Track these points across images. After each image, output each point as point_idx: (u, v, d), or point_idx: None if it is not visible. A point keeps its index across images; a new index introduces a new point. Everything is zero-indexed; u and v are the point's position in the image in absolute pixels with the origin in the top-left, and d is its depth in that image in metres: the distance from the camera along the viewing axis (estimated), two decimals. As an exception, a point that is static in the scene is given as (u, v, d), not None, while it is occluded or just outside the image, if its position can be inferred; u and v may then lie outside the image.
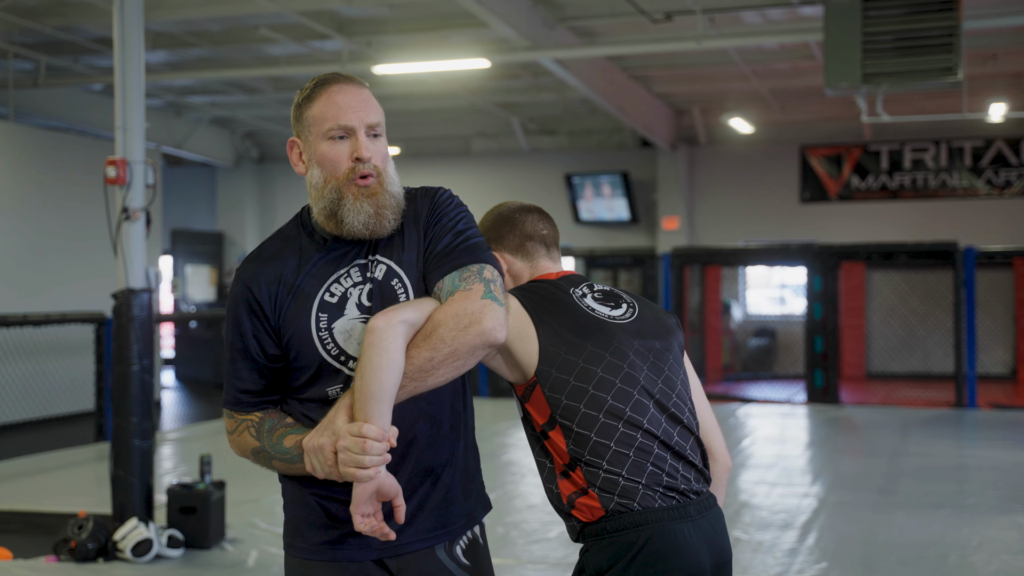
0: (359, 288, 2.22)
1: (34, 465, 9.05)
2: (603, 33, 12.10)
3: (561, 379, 2.27)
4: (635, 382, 2.30)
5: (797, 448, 9.98)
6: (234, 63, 13.15)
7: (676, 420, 2.33)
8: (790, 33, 11.14)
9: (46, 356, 12.18)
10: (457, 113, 16.82)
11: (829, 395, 12.80)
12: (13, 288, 12.17)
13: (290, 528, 2.33)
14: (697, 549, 2.24)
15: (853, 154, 16.47)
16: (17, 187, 12.47)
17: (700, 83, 14.77)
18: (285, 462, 2.19)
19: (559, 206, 17.60)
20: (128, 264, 6.07)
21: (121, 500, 6.04)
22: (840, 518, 6.82)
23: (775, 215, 16.83)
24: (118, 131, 6.10)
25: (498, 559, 5.82)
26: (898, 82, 9.39)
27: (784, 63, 13.31)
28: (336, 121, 2.19)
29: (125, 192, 6.08)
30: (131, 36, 6.14)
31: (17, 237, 12.38)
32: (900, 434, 10.39)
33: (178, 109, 16.35)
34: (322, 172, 2.21)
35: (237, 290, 2.27)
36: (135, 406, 6.03)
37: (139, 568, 5.77)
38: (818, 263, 13.06)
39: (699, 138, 16.97)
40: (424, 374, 2.10)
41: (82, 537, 5.86)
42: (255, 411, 2.27)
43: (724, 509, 7.00)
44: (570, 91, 14.49)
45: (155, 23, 11.40)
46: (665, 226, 16.86)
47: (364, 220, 2.19)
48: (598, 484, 2.24)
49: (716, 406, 12.74)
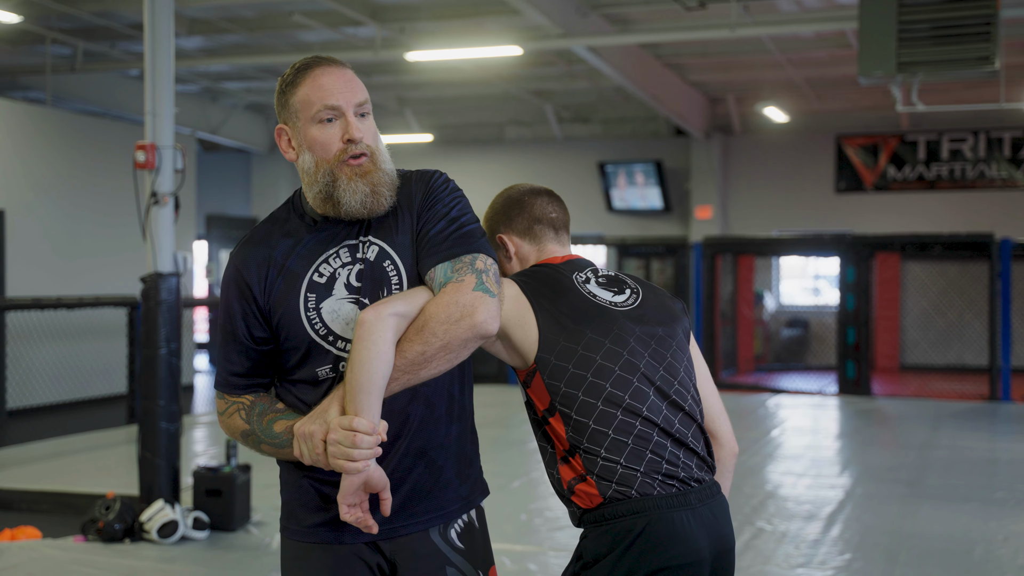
0: (348, 268, 2.22)
1: (66, 446, 9.16)
2: (637, 20, 12.05)
3: (560, 366, 2.26)
4: (635, 369, 2.29)
5: (826, 439, 9.92)
6: (268, 49, 13.21)
7: (677, 407, 2.31)
8: (826, 21, 11.03)
9: (81, 339, 12.33)
10: (491, 100, 16.81)
11: (861, 387, 12.71)
12: (50, 271, 12.31)
13: (285, 511, 2.35)
14: (696, 537, 2.23)
15: (890, 144, 16.31)
16: (54, 171, 12.60)
17: (735, 71, 14.67)
18: (274, 447, 2.20)
19: (592, 194, 17.57)
20: (156, 248, 6.12)
21: (148, 482, 6.10)
22: (866, 510, 6.78)
23: (810, 205, 16.70)
24: (148, 116, 6.14)
25: (521, 546, 5.84)
26: (934, 71, 9.27)
27: (820, 51, 13.19)
28: (323, 103, 2.19)
29: (154, 177, 6.13)
30: (161, 22, 6.18)
31: (54, 221, 12.52)
32: (931, 427, 10.30)
33: (213, 95, 16.46)
34: (313, 156, 2.21)
35: (229, 273, 2.29)
36: (162, 389, 6.09)
37: (164, 549, 5.84)
38: (851, 254, 12.95)
39: (734, 127, 16.87)
40: (417, 367, 2.11)
41: (109, 518, 5.93)
42: (246, 394, 2.29)
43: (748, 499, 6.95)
44: (604, 79, 14.44)
45: (190, 9, 11.48)
46: (698, 215, 16.78)
47: (361, 199, 2.19)
48: (596, 471, 2.23)
49: (746, 396, 12.70)
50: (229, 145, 18.07)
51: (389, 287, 2.21)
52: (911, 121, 15.91)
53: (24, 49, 13.11)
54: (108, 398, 12.51)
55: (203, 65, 13.61)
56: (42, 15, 11.63)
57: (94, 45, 12.74)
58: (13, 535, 6.10)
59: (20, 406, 11.75)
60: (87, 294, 11.19)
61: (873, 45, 9.30)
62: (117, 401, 12.07)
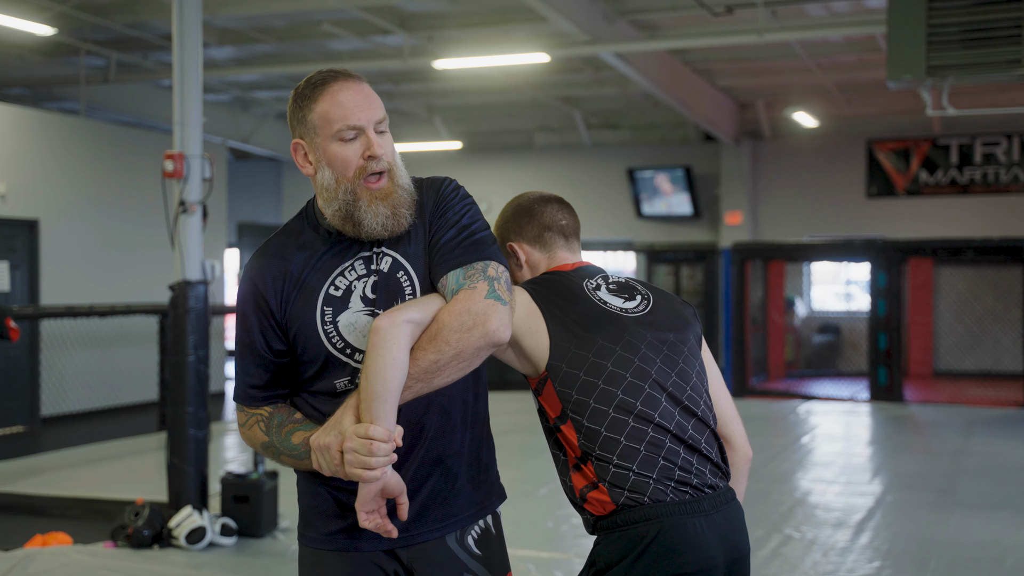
0: (363, 281, 2.23)
1: (99, 453, 9.25)
2: (664, 27, 12.03)
3: (571, 374, 2.26)
4: (646, 375, 2.28)
5: (857, 446, 9.85)
6: (298, 58, 13.30)
7: (690, 413, 2.31)
8: (854, 25, 10.97)
9: (113, 347, 12.45)
10: (519, 107, 16.83)
11: (893, 393, 12.61)
12: (83, 280, 12.44)
13: (303, 518, 2.36)
14: (710, 544, 2.22)
15: (922, 148, 16.18)
16: (88, 181, 12.74)
17: (764, 76, 14.61)
18: (294, 458, 2.21)
19: (621, 200, 17.55)
20: (185, 256, 6.18)
21: (176, 488, 6.16)
22: (896, 517, 6.73)
23: (841, 210, 16.60)
24: (176, 126, 6.21)
25: (547, 552, 5.84)
26: (964, 75, 9.20)
27: (850, 56, 13.12)
28: (345, 122, 2.18)
29: (182, 185, 6.19)
30: (189, 33, 6.24)
31: (87, 229, 12.65)
32: (964, 433, 10.21)
33: (244, 104, 16.58)
34: (333, 173, 2.21)
35: (244, 287, 2.28)
36: (191, 396, 6.14)
37: (192, 555, 5.88)
38: (882, 259, 12.87)
39: (763, 132, 16.80)
40: (430, 375, 2.11)
41: (138, 524, 5.99)
42: (264, 405, 2.29)
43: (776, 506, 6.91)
44: (632, 85, 14.43)
45: (221, 19, 11.58)
46: (728, 221, 16.71)
47: (382, 222, 2.20)
48: (608, 478, 2.23)
49: (777, 402, 12.63)
50: (260, 154, 18.19)
51: (403, 297, 2.22)
52: (943, 125, 15.79)
53: (59, 61, 13.27)
54: (140, 405, 12.62)
55: (234, 75, 13.72)
56: (76, 27, 11.77)
57: (127, 56, 12.87)
58: (44, 541, 6.16)
59: (54, 413, 11.88)
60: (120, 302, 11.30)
61: (902, 49, 9.24)
62: (149, 408, 12.17)
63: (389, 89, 15.26)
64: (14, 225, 11.78)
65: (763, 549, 5.97)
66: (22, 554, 5.85)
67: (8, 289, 11.63)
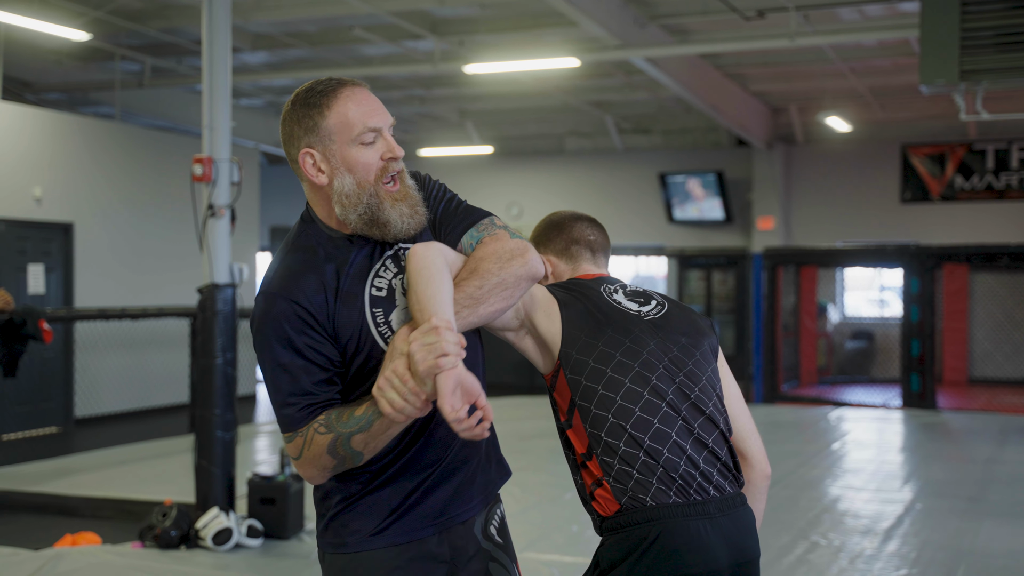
0: (400, 277, 2.25)
1: (130, 454, 9.34)
2: (695, 31, 12.01)
3: (581, 360, 2.32)
4: (654, 368, 2.33)
5: (887, 453, 9.77)
6: (330, 63, 13.37)
7: (698, 411, 2.33)
8: (887, 29, 10.90)
9: (146, 349, 12.56)
10: (550, 112, 16.84)
11: (926, 400, 12.50)
12: (118, 282, 12.57)
13: (339, 529, 2.29)
14: (713, 546, 2.23)
15: (957, 153, 16.04)
16: (122, 184, 12.87)
17: (797, 81, 14.54)
18: (364, 431, 2.12)
19: (653, 205, 17.51)
20: (213, 260, 6.23)
21: (204, 490, 6.20)
22: (924, 525, 6.67)
23: (875, 215, 16.48)
24: (205, 130, 6.26)
25: (571, 557, 5.84)
26: (998, 79, 9.10)
27: (884, 60, 13.03)
28: (365, 125, 2.20)
29: (211, 189, 6.24)
30: (219, 37, 6.29)
31: (122, 232, 12.78)
32: (998, 441, 10.10)
33: (278, 108, 16.68)
34: (354, 178, 2.20)
35: (279, 309, 2.17)
36: (218, 398, 6.19)
37: (219, 556, 5.92)
38: (915, 265, 12.76)
39: (796, 137, 16.71)
40: (475, 301, 2.14)
41: (166, 524, 6.04)
42: (319, 416, 2.19)
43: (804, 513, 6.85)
44: (664, 90, 14.40)
45: (254, 24, 11.67)
46: (760, 226, 16.64)
47: (407, 222, 2.23)
48: (613, 475, 2.26)
49: (808, 409, 12.55)
50: (293, 158, 18.28)
51: None
52: (979, 130, 15.64)
53: (94, 66, 13.42)
54: (172, 407, 12.73)
55: (267, 79, 13.82)
56: (111, 33, 11.91)
57: (161, 61, 13.00)
58: (74, 540, 6.23)
59: (87, 415, 12.00)
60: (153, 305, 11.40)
61: (935, 53, 9.16)
62: (181, 410, 12.27)
63: (421, 94, 15.32)
64: (49, 228, 11.92)
65: (789, 556, 5.93)
66: (52, 553, 5.91)
67: (44, 292, 11.77)
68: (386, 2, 10.55)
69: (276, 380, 2.18)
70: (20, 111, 11.75)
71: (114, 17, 11.07)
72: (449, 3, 10.58)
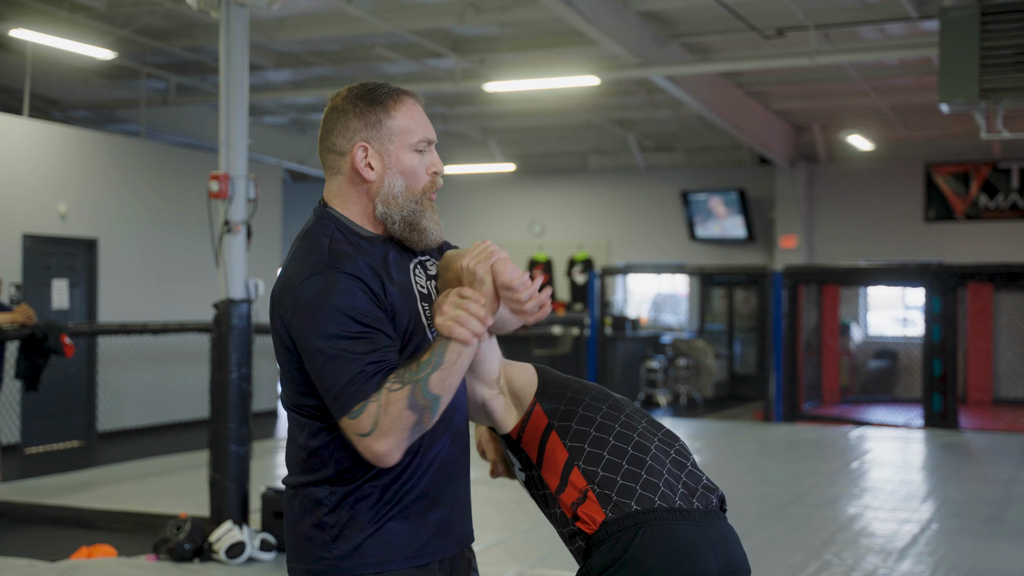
0: (432, 282, 2.33)
1: (149, 468, 9.42)
2: (715, 49, 12.03)
3: (559, 393, 2.41)
4: (623, 407, 2.45)
5: (906, 473, 9.71)
6: (353, 81, 13.38)
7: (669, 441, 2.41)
8: (909, 48, 10.89)
9: (167, 364, 12.66)
10: (573, 130, 16.89)
11: (948, 420, 12.40)
12: (141, 298, 12.68)
13: (360, 554, 2.19)
14: (703, 553, 2.21)
15: (981, 172, 15.96)
16: (145, 200, 13.00)
17: (819, 99, 14.53)
18: (438, 368, 2.08)
19: (675, 223, 17.51)
20: (229, 275, 6.29)
21: (218, 503, 6.25)
22: (940, 544, 6.63)
23: (898, 234, 16.41)
24: (222, 147, 6.33)
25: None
26: (1018, 97, 9.09)
27: (906, 78, 13.01)
28: (424, 135, 2.27)
29: (227, 206, 6.31)
30: (235, 56, 6.37)
31: (145, 248, 12.90)
32: (1018, 462, 10.01)
33: (301, 126, 16.83)
34: (405, 182, 2.25)
35: (344, 285, 2.12)
36: (232, 412, 6.24)
37: (232, 570, 5.97)
38: (937, 284, 12.68)
39: (819, 155, 16.68)
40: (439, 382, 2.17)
41: (180, 538, 6.09)
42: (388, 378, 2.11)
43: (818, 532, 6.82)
44: (686, 108, 14.42)
45: (277, 43, 11.79)
46: (783, 244, 16.60)
47: (438, 232, 2.31)
48: (597, 482, 2.26)
49: (828, 428, 12.49)
50: (316, 175, 18.43)
51: None
52: (1004, 148, 15.56)
53: (120, 84, 13.58)
54: (193, 422, 12.80)
55: (290, 97, 13.94)
56: (137, 51, 12.06)
57: (186, 79, 13.14)
58: (90, 552, 6.29)
59: (110, 429, 12.10)
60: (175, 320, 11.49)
61: (954, 72, 9.15)
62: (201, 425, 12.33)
63: (443, 111, 15.40)
64: (74, 244, 12.05)
65: (800, 574, 5.91)
66: (67, 565, 5.97)
67: (68, 307, 11.90)
68: (408, 21, 10.64)
69: (345, 354, 2.08)
70: (47, 128, 11.90)
71: (139, 36, 11.22)
72: (470, 22, 10.66)
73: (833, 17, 10.50)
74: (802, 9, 10.16)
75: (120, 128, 15.15)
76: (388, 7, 10.40)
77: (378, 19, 10.41)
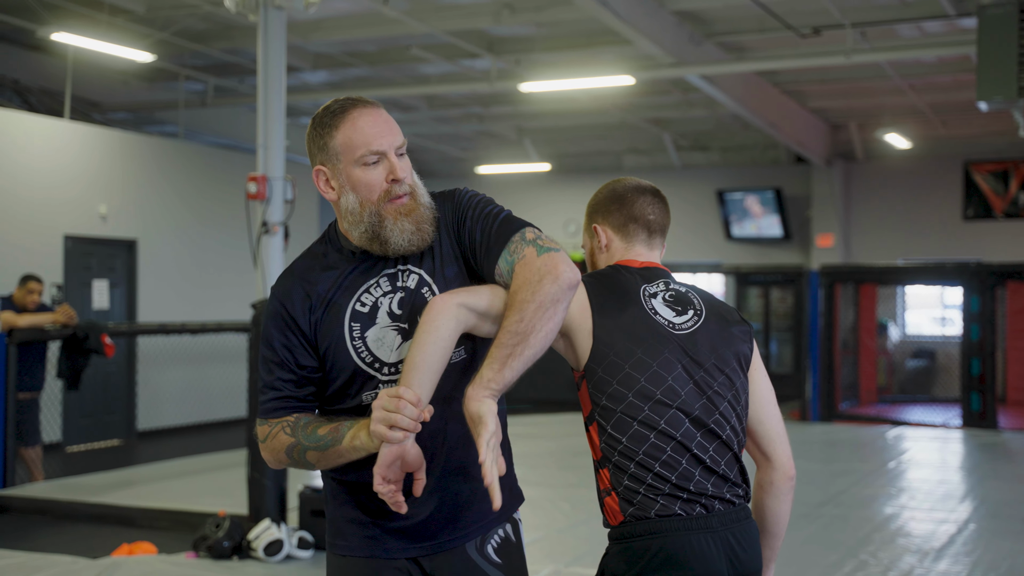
0: (389, 297, 2.32)
1: (189, 467, 9.52)
2: (751, 48, 12.00)
3: (605, 379, 2.32)
4: (676, 396, 2.31)
5: (943, 473, 9.64)
6: (389, 82, 13.56)
7: (714, 435, 2.34)
8: (947, 46, 10.81)
9: (207, 363, 12.79)
10: (608, 129, 16.89)
11: (986, 419, 12.30)
12: (179, 298, 12.82)
13: (332, 527, 2.43)
14: (715, 559, 2.26)
15: (1021, 169, 15.79)
16: (184, 201, 13.15)
17: (856, 97, 14.44)
18: (319, 450, 2.24)
19: (711, 222, 17.46)
20: (266, 276, 6.36)
21: (256, 502, 6.32)
22: (977, 545, 6.59)
23: (936, 233, 16.27)
24: (259, 149, 6.41)
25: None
26: (1057, 95, 9.00)
27: (945, 76, 12.90)
28: (368, 147, 2.27)
29: (265, 207, 6.38)
30: (273, 58, 6.44)
31: (184, 249, 13.05)
32: (1059, 462, 9.92)
33: (338, 127, 16.91)
34: (357, 197, 2.29)
35: (271, 307, 2.36)
36: (270, 411, 6.29)
37: (270, 567, 6.03)
38: (975, 283, 12.57)
39: (856, 153, 16.58)
40: (522, 336, 2.15)
41: (219, 535, 6.17)
42: (292, 414, 2.34)
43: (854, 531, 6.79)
44: (721, 107, 14.39)
45: (314, 44, 11.89)
46: (819, 243, 16.51)
47: (408, 238, 2.29)
48: (620, 490, 2.30)
49: (865, 428, 12.42)
50: (354, 176, 18.52)
51: None
52: (1044, 146, 15.40)
53: (159, 86, 13.74)
54: (232, 421, 12.93)
55: (327, 98, 14.02)
56: (176, 54, 12.20)
57: (224, 81, 13.27)
58: (131, 550, 6.38)
59: (150, 427, 12.25)
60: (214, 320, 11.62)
61: (992, 69, 9.09)
62: (240, 424, 12.46)
63: (479, 112, 15.45)
64: (114, 245, 12.21)
65: (836, 573, 5.90)
66: (108, 562, 6.06)
67: (108, 307, 12.05)
68: (443, 22, 10.70)
69: (262, 366, 2.37)
70: (87, 131, 12.06)
71: (178, 38, 11.34)
72: (505, 22, 10.70)
73: (870, 15, 10.45)
74: (839, 7, 10.12)
75: (159, 130, 15.32)
76: (424, 8, 10.46)
77: (414, 20, 10.47)
